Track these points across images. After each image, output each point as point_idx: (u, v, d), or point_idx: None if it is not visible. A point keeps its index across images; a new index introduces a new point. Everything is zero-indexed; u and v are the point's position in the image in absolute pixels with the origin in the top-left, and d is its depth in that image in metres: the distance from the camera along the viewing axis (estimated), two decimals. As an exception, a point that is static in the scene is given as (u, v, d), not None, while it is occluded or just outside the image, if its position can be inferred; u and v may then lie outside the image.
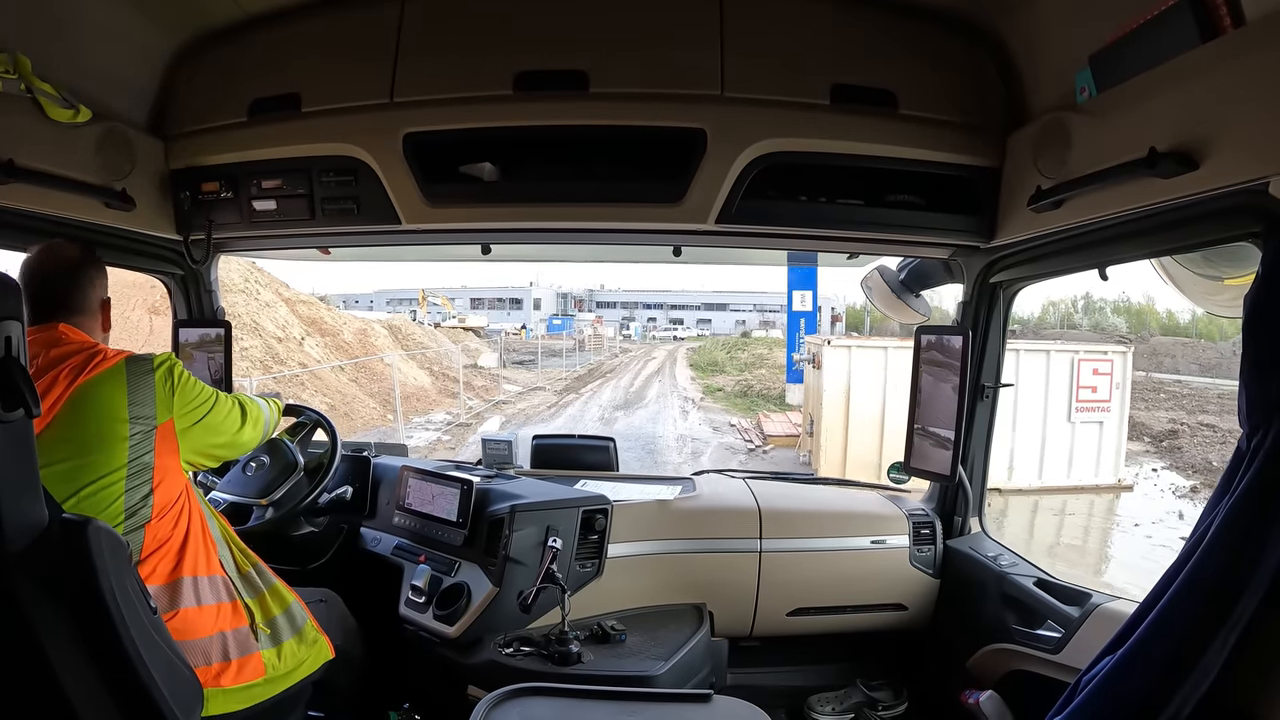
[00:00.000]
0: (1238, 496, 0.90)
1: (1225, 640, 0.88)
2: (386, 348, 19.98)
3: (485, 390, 19.60)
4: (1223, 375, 20.85)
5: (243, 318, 15.36)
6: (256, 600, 1.52)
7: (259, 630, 1.48)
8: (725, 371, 25.68)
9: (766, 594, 2.13)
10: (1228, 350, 23.97)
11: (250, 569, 1.57)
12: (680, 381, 23.78)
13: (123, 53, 1.69)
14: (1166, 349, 26.69)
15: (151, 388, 1.38)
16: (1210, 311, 1.56)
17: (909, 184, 1.73)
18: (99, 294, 1.48)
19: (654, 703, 1.37)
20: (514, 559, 1.86)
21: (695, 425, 15.45)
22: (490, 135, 1.70)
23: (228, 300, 14.42)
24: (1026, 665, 1.79)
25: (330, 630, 1.70)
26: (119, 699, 1.10)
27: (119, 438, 1.32)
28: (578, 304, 57.37)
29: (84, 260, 1.47)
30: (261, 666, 1.44)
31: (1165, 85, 1.18)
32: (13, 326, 0.98)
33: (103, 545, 1.08)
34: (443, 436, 13.78)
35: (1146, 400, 17.04)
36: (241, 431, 1.58)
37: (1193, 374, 22.47)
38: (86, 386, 1.31)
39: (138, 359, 1.40)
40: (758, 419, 15.24)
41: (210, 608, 1.41)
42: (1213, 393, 18.16)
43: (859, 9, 1.68)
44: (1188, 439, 13.67)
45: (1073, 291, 50.21)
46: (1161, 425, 14.50)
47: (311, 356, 16.62)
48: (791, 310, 17.62)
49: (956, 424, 1.97)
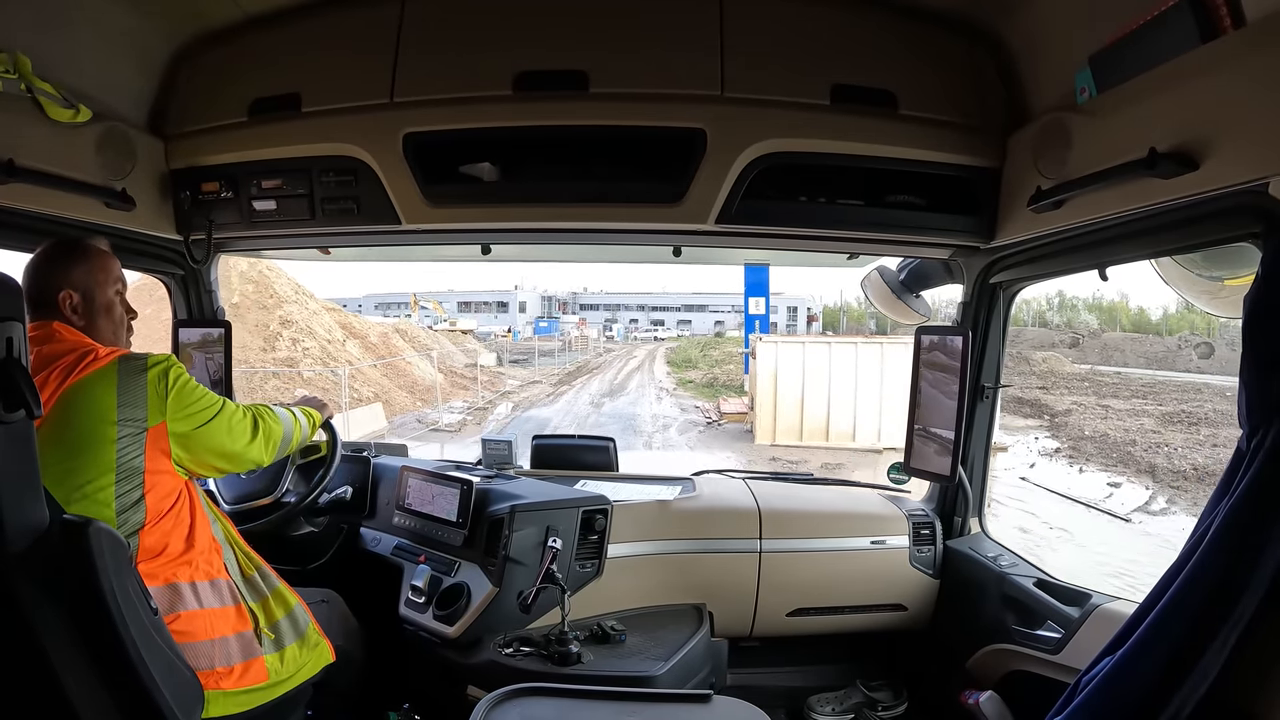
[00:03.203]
0: (1238, 497, 0.90)
1: (1225, 640, 0.88)
2: (405, 348, 24.20)
3: (490, 384, 23.70)
4: (1164, 367, 25.06)
5: (299, 323, 19.80)
6: (260, 604, 1.50)
7: (263, 634, 1.46)
8: (697, 367, 29.43)
9: (766, 594, 2.13)
10: (1173, 344, 28.18)
11: (254, 572, 1.55)
12: (658, 375, 28.30)
13: (123, 53, 1.69)
14: (1116, 344, 29.78)
15: (144, 388, 1.34)
16: (1210, 312, 1.56)
17: (909, 184, 1.73)
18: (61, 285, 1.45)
19: (654, 703, 1.37)
20: (514, 559, 1.86)
21: (667, 408, 20.19)
22: (490, 135, 1.70)
23: (284, 309, 16.55)
24: (1026, 665, 1.79)
25: (331, 630, 1.70)
26: (119, 700, 1.10)
27: (106, 439, 1.29)
28: (562, 306, 57.60)
29: (46, 251, 1.45)
30: (264, 671, 1.42)
31: (1165, 85, 1.18)
32: (14, 327, 0.98)
33: (103, 546, 1.08)
34: (466, 417, 18.10)
35: (1071, 388, 20.48)
36: (250, 446, 1.51)
37: (1140, 366, 25.87)
38: (76, 387, 1.29)
39: (131, 358, 1.37)
40: (718, 402, 19.40)
41: (213, 611, 1.39)
42: (1138, 382, 21.63)
43: (859, 9, 1.68)
44: (1077, 416, 16.78)
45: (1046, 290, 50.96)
46: (1064, 406, 17.93)
47: (353, 355, 20.49)
48: (748, 314, 22.33)
49: (956, 424, 1.97)
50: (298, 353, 19.14)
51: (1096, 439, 14.98)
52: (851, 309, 48.37)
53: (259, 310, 19.73)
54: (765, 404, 15.17)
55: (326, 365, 18.36)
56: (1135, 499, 11.73)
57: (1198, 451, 13.50)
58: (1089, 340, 30.93)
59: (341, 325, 22.48)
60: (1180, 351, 26.98)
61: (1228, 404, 16.14)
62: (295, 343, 19.48)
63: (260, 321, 19.43)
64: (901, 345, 14.68)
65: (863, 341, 16.24)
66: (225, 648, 1.38)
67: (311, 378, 17.88)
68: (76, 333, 1.39)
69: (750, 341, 18.77)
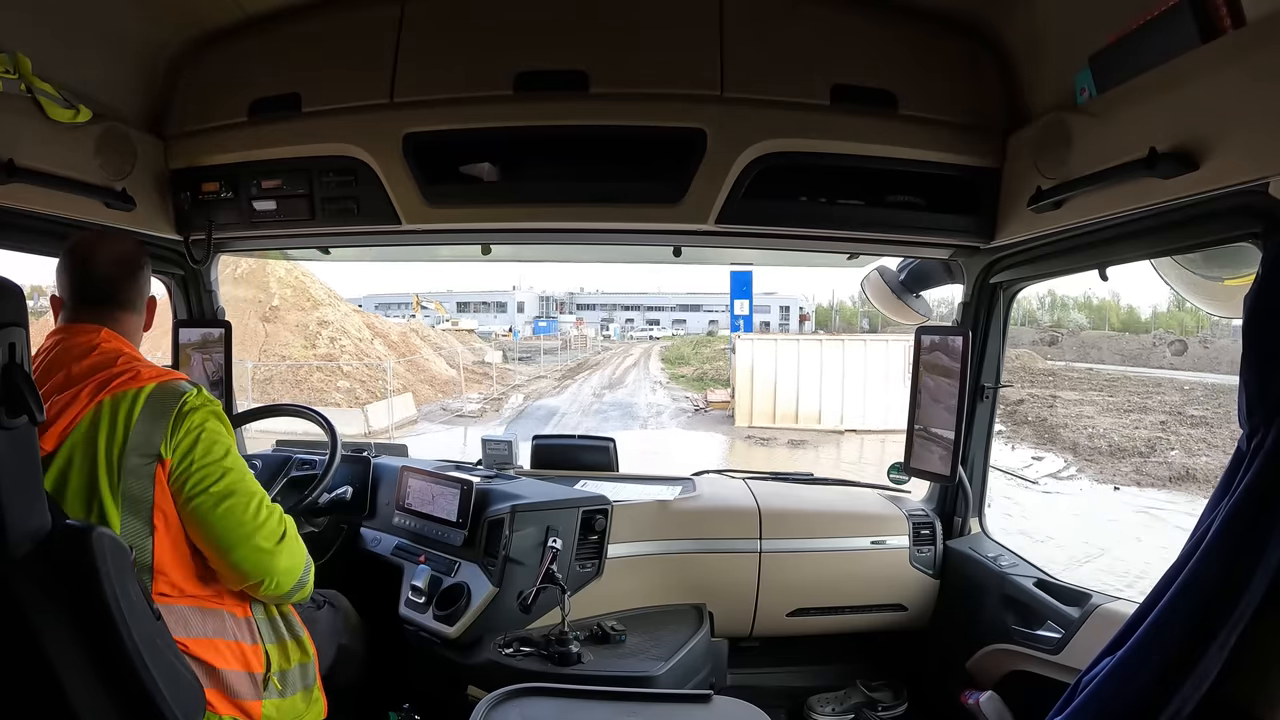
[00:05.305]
0: (1237, 497, 0.90)
1: (1225, 640, 0.88)
2: (422, 346, 26.96)
3: (500, 379, 26.21)
4: (1138, 364, 26.56)
5: (335, 323, 22.74)
6: (278, 647, 1.42)
7: (270, 680, 1.37)
8: (689, 364, 31.56)
9: (766, 594, 2.13)
10: (1148, 342, 30.03)
11: (277, 614, 1.45)
12: (652, 371, 31.14)
13: (123, 53, 1.69)
14: (1093, 341, 31.43)
15: (166, 418, 1.24)
16: (1210, 312, 1.56)
17: (909, 184, 1.73)
18: (148, 290, 1.42)
19: (654, 703, 1.37)
20: (514, 559, 1.86)
21: (660, 399, 23.38)
22: (490, 135, 1.70)
23: (320, 311, 18.86)
24: (1026, 666, 1.79)
25: (334, 629, 1.70)
26: (121, 703, 1.10)
27: (119, 465, 1.21)
28: (559, 306, 57.60)
29: (141, 254, 1.41)
30: (259, 716, 1.35)
31: (1165, 85, 1.18)
32: (17, 333, 0.98)
33: (106, 551, 1.07)
34: (485, 406, 21.00)
35: (1035, 382, 22.11)
36: (272, 552, 1.31)
37: (1114, 363, 27.32)
38: (105, 404, 1.23)
39: (170, 387, 1.28)
40: (705, 393, 22.51)
41: (229, 644, 1.32)
42: (1103, 376, 23.42)
43: (859, 9, 1.68)
44: (1029, 406, 18.74)
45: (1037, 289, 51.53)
46: (1018, 397, 19.51)
47: (381, 352, 23.02)
48: (733, 314, 25.48)
49: (956, 424, 1.97)
50: (335, 350, 21.81)
51: (1034, 423, 17.44)
52: (844, 308, 48.95)
53: (298, 312, 22.59)
54: (744, 392, 18.62)
55: (361, 360, 21.50)
56: (1049, 468, 14.36)
57: (1119, 433, 16.00)
58: (1067, 338, 31.97)
59: (367, 325, 25.20)
60: (1155, 349, 27.97)
61: (1179, 395, 19.45)
62: (333, 341, 22.13)
63: (300, 322, 22.25)
64: (860, 343, 19.11)
65: (828, 339, 20.72)
66: (230, 680, 1.31)
67: (351, 371, 20.78)
68: (120, 339, 1.32)
69: (732, 339, 22.01)
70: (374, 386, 20.13)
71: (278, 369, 20.10)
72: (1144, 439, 15.46)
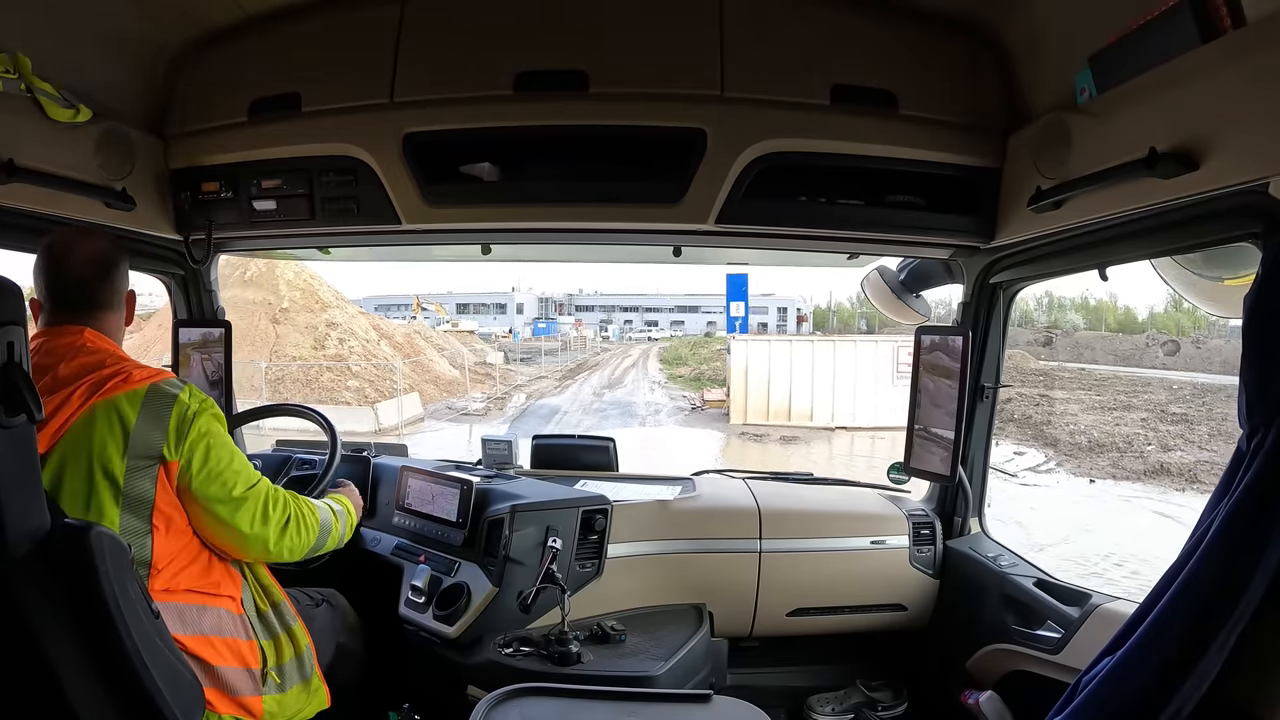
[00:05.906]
0: (1237, 497, 0.90)
1: (1225, 640, 0.88)
2: (426, 347, 27.44)
3: (502, 379, 26.99)
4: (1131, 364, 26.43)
5: (343, 325, 23.40)
6: (271, 642, 1.43)
7: (268, 676, 1.40)
8: (687, 364, 32.12)
9: (766, 594, 2.13)
10: (1141, 342, 30.15)
11: (269, 609, 1.47)
12: (650, 371, 32.01)
13: (123, 53, 1.69)
14: (1088, 342, 31.75)
15: (165, 421, 1.26)
16: (1210, 312, 1.56)
17: (909, 184, 1.73)
18: (125, 287, 1.41)
19: (654, 703, 1.37)
20: (514, 559, 1.86)
21: (658, 398, 24.41)
22: (490, 135, 1.70)
23: (329, 313, 19.25)
24: (1026, 665, 1.79)
25: (334, 628, 1.70)
26: (121, 703, 1.10)
27: (119, 466, 1.22)
28: (558, 308, 57.68)
29: (115, 252, 1.39)
30: (260, 712, 1.37)
31: (1165, 85, 1.18)
32: (16, 332, 0.98)
33: (104, 550, 1.07)
34: (489, 405, 21.66)
35: (1025, 381, 21.99)
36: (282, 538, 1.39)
37: (1107, 363, 27.26)
38: (99, 406, 1.23)
39: (164, 388, 1.29)
40: (702, 392, 23.38)
41: (225, 641, 1.34)
42: (1094, 376, 23.49)
43: (859, 9, 1.68)
44: (1015, 404, 18.67)
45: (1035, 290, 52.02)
46: (1006, 396, 20.20)
47: (387, 353, 23.72)
48: (729, 316, 26.81)
49: (956, 424, 1.97)
50: (344, 350, 22.45)
51: (1019, 420, 17.72)
52: (842, 309, 49.09)
53: (307, 313, 23.26)
54: (738, 391, 19.56)
55: (369, 361, 22.21)
56: (1028, 462, 14.83)
57: (1099, 429, 16.45)
58: (1061, 339, 32.35)
59: (374, 327, 25.94)
60: (1148, 349, 28.27)
61: (1165, 394, 19.47)
62: (342, 342, 22.79)
63: (309, 324, 22.88)
64: (851, 344, 19.96)
65: (819, 339, 21.47)
66: (228, 677, 1.33)
67: (360, 371, 21.46)
68: (106, 340, 1.32)
69: (728, 340, 22.80)
70: (382, 386, 20.92)
71: (289, 369, 20.63)
72: (1123, 435, 15.90)
